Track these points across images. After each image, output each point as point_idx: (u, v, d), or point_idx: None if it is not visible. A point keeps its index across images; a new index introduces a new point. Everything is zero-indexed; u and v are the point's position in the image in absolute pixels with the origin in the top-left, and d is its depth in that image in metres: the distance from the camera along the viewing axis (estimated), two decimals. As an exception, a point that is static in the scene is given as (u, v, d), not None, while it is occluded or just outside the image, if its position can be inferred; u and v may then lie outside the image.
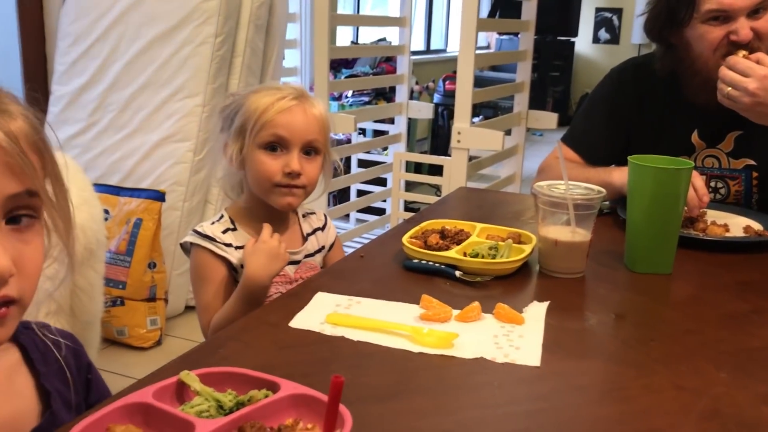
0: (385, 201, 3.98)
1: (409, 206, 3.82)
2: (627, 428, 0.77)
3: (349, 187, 4.12)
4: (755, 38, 1.41)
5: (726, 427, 0.76)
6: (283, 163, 1.23)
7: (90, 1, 3.10)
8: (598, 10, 8.61)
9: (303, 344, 0.92)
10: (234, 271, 1.24)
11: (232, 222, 1.27)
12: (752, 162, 1.58)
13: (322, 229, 1.39)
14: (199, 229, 1.25)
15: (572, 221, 1.16)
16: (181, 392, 0.74)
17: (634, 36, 8.05)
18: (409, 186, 3.91)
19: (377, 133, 4.35)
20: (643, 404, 0.81)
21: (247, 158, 1.25)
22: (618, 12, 8.54)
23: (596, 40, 8.71)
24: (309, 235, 1.35)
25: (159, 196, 2.77)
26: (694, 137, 1.59)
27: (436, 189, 4.52)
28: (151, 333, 2.66)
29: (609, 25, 8.64)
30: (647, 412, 0.79)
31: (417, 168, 4.40)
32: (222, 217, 1.28)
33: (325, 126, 1.27)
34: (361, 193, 4.10)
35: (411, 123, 4.25)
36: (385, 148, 4.32)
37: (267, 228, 1.22)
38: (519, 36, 3.60)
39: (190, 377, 0.74)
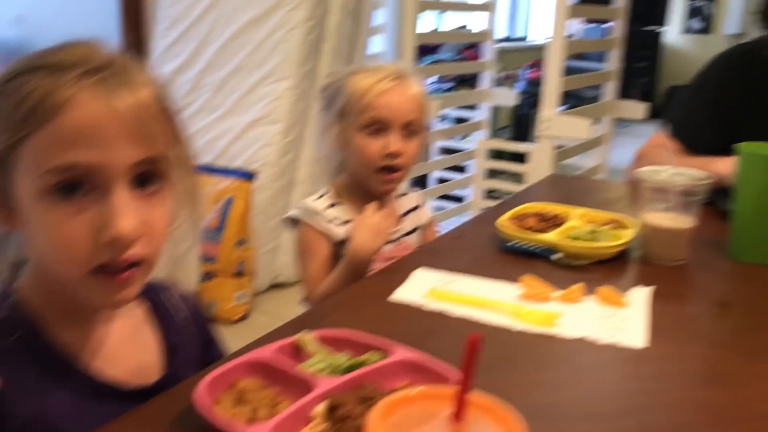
0: (464, 189, 3.97)
1: (489, 195, 3.80)
2: (736, 413, 0.76)
3: (425, 174, 4.13)
4: None
5: (844, 418, 0.74)
6: (384, 144, 1.25)
7: (185, -12, 3.21)
8: (690, -2, 8.30)
9: (405, 316, 0.94)
10: (336, 246, 1.27)
11: (335, 198, 1.31)
12: None
13: (417, 209, 1.40)
14: (304, 204, 1.29)
15: (675, 207, 1.14)
16: (298, 352, 0.78)
17: (729, 26, 7.72)
18: (490, 175, 3.89)
19: (458, 120, 4.33)
20: (752, 391, 0.80)
21: (348, 140, 1.28)
22: (711, 0, 8.21)
23: (687, 30, 8.39)
24: (405, 214, 1.38)
25: (250, 176, 2.85)
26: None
27: (518, 179, 4.48)
28: (238, 308, 2.74)
29: (701, 14, 8.31)
30: (756, 399, 0.78)
31: (498, 156, 4.37)
32: (325, 193, 1.32)
33: (423, 105, 1.29)
34: (440, 180, 4.10)
35: (493, 111, 4.21)
36: (465, 136, 4.30)
37: (373, 205, 1.24)
38: (603, 25, 3.52)
39: (308, 337, 0.78)
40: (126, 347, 0.78)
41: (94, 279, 0.68)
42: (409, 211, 1.39)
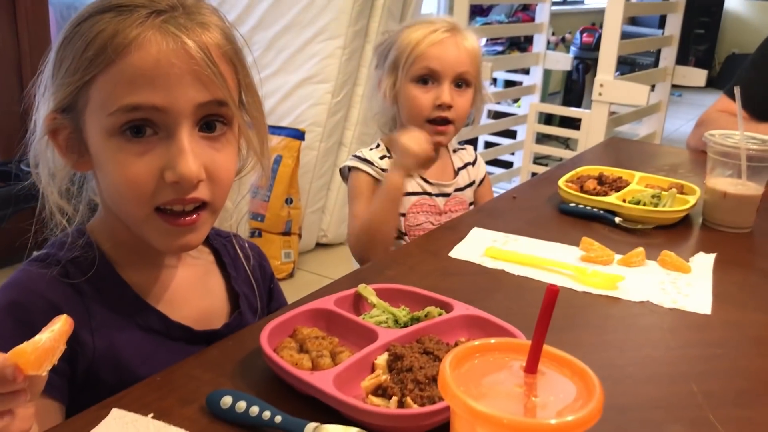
0: (512, 155, 3.91)
1: (537, 160, 3.74)
2: (807, 383, 0.73)
3: (475, 138, 4.07)
4: None
5: None
6: (435, 95, 1.24)
7: (239, -58, 3.18)
8: (754, -38, 7.96)
9: (464, 273, 0.93)
10: None
11: (388, 151, 1.29)
12: None
13: (473, 164, 1.39)
14: (359, 154, 1.28)
15: (743, 173, 1.11)
16: (358, 304, 0.78)
17: (795, -8, 7.40)
18: (538, 140, 3.82)
19: (508, 84, 4.25)
20: (826, 362, 0.77)
21: (400, 92, 1.27)
22: (778, -35, 7.86)
23: (750, -5, 8.07)
24: (460, 169, 1.36)
25: (299, 135, 2.85)
26: None
27: (566, 144, 4.40)
28: (285, 265, 2.77)
29: (767, -21, 7.97)
30: (831, 369, 0.75)
31: (547, 121, 4.29)
32: (379, 145, 1.31)
33: (476, 59, 1.27)
34: (488, 145, 4.05)
35: (544, 75, 4.13)
36: (516, 100, 4.22)
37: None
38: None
39: (368, 290, 0.77)
40: (194, 292, 0.79)
41: (159, 219, 0.69)
42: (463, 166, 1.38)
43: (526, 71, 3.86)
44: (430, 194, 1.30)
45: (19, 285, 0.69)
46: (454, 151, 1.39)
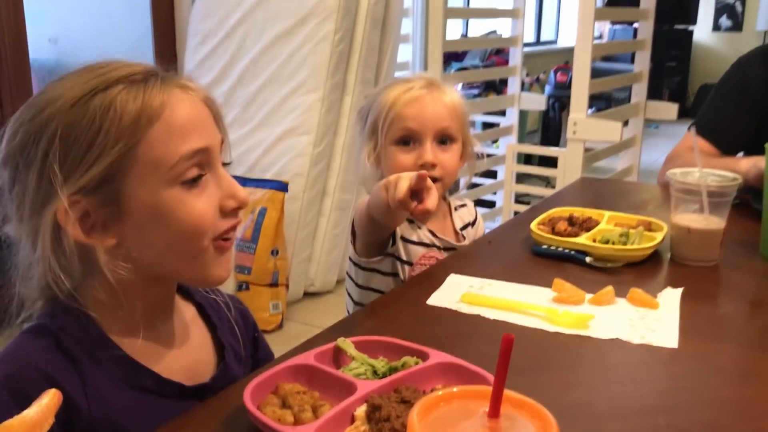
0: (494, 194, 3.98)
1: (519, 199, 3.80)
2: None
3: (457, 180, 4.13)
4: None
5: None
6: (417, 155, 1.23)
7: (217, 3, 3.28)
8: (719, -5, 8.21)
9: (442, 320, 0.97)
10: (392, 242, 1.23)
11: None
12: None
13: (473, 224, 1.38)
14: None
15: (706, 209, 1.16)
16: (338, 357, 0.81)
17: (759, 22, 7.62)
18: (519, 179, 3.89)
19: (486, 125, 4.34)
20: (787, 389, 0.81)
21: (382, 155, 1.26)
22: (742, -3, 8.11)
23: (717, 27, 8.30)
24: (462, 229, 1.35)
25: (282, 187, 2.90)
26: (834, 124, 1.53)
27: (547, 182, 4.47)
28: (273, 317, 2.79)
29: (731, 11, 8.20)
30: (792, 396, 0.79)
31: (527, 160, 4.37)
32: None
33: (458, 113, 1.26)
34: (470, 186, 4.11)
35: (521, 115, 4.22)
36: (495, 141, 4.31)
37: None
38: (633, 25, 3.51)
39: (346, 343, 0.81)
40: (181, 347, 0.82)
41: (215, 249, 0.77)
42: (464, 227, 1.36)
43: (503, 112, 3.95)
44: (438, 248, 1.28)
45: (13, 358, 0.72)
46: (456, 208, 1.37)
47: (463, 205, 1.40)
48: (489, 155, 4.04)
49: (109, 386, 0.72)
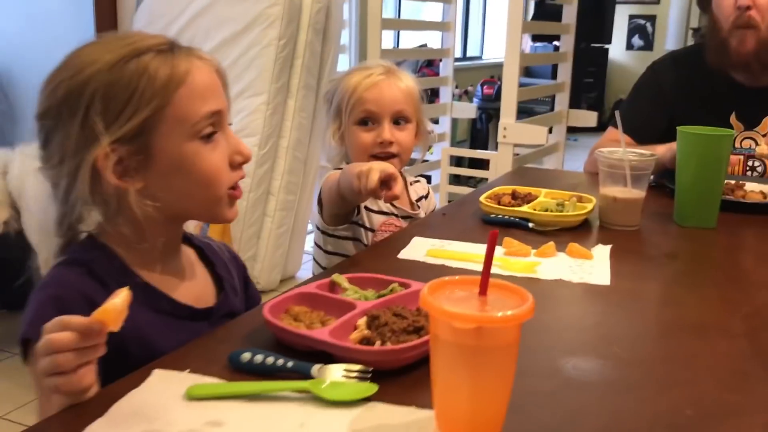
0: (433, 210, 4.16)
1: (451, 200, 4.00)
2: (684, 323, 0.96)
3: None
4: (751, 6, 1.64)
5: (765, 323, 0.94)
6: (376, 134, 1.40)
7: (162, 8, 3.36)
8: (631, 17, 8.74)
9: (413, 269, 1.12)
10: (356, 211, 1.38)
11: None
12: (787, 142, 1.75)
13: (426, 197, 1.56)
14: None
15: (628, 181, 1.35)
16: (333, 291, 0.95)
17: (668, 43, 8.16)
18: (451, 182, 4.09)
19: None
20: (697, 309, 1.00)
21: (345, 134, 1.43)
22: (652, 19, 8.66)
23: (630, 47, 8.84)
24: (417, 201, 1.53)
25: (229, 186, 2.99)
26: (733, 119, 1.77)
27: (475, 186, 4.70)
28: (223, 311, 2.87)
29: (642, 31, 8.76)
30: (701, 313, 0.99)
31: (458, 165, 4.59)
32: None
33: (412, 96, 1.44)
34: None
35: (452, 124, 4.44)
36: (429, 148, 4.51)
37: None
38: (554, 43, 3.78)
39: (341, 278, 0.95)
40: (187, 280, 0.95)
41: (227, 197, 0.92)
42: (419, 199, 1.54)
43: (436, 121, 4.15)
44: (396, 216, 1.44)
45: (57, 282, 0.84)
46: (411, 183, 1.55)
47: (417, 181, 1.58)
48: (425, 161, 4.23)
49: (134, 306, 0.84)
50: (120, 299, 0.67)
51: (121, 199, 0.86)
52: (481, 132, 6.10)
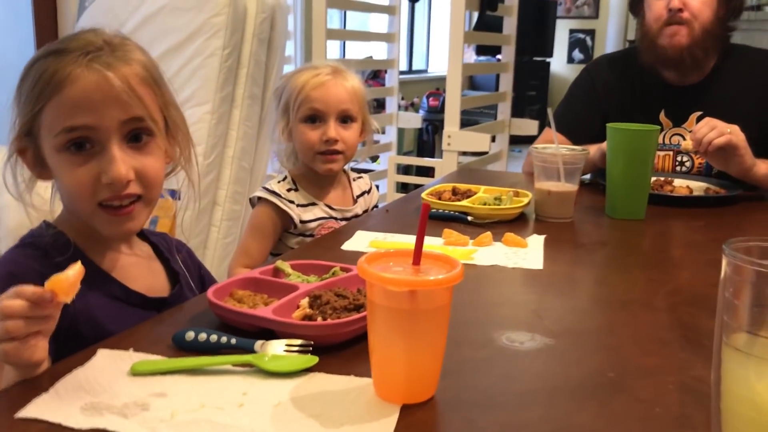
0: (376, 206, 4.21)
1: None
2: (611, 299, 1.02)
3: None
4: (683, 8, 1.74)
5: (687, 300, 1.00)
6: (322, 132, 1.45)
7: (103, 18, 3.34)
8: (572, 31, 9.00)
9: (356, 258, 1.14)
10: (293, 225, 1.45)
11: (294, 183, 1.49)
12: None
13: (368, 192, 1.61)
14: (268, 187, 1.46)
15: (561, 175, 1.42)
16: (276, 277, 0.98)
17: (606, 55, 8.42)
18: (398, 190, 4.15)
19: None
20: (623, 288, 1.06)
21: (293, 131, 1.47)
22: (591, 33, 8.94)
23: (570, 60, 9.09)
24: (359, 197, 1.58)
25: (174, 195, 2.98)
26: (662, 116, 1.86)
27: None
28: (170, 320, 2.85)
29: (582, 45, 9.03)
30: (627, 291, 1.05)
31: (405, 174, 4.65)
32: (285, 178, 1.50)
33: (358, 96, 1.49)
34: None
35: (399, 134, 4.51)
36: (375, 158, 4.56)
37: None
38: (496, 57, 3.89)
39: (284, 264, 0.98)
40: (141, 271, 0.96)
41: (102, 213, 0.89)
42: (361, 194, 1.59)
43: (382, 131, 4.21)
44: (335, 218, 1.49)
45: (14, 260, 0.85)
46: (354, 179, 1.60)
47: (359, 177, 1.63)
48: (370, 170, 4.28)
49: (87, 289, 0.85)
50: (73, 271, 0.69)
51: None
52: (427, 143, 6.19)
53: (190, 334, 0.78)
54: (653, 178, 1.66)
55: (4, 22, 3.43)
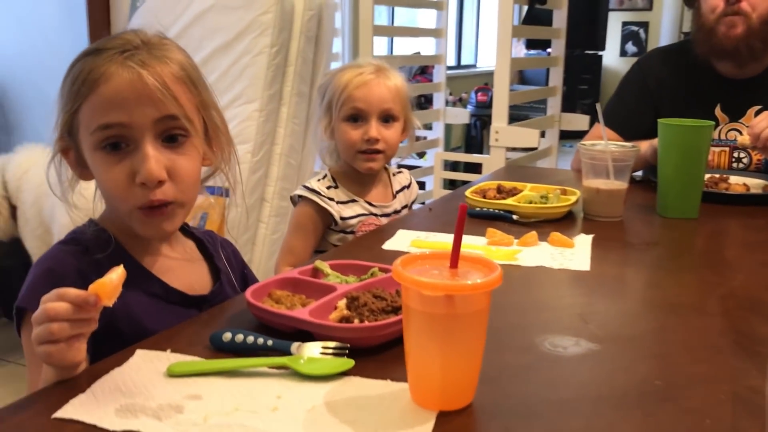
0: (423, 203, 4.19)
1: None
2: (661, 303, 0.98)
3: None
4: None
5: (742, 304, 0.96)
6: (363, 131, 1.44)
7: (154, 17, 3.39)
8: (624, 24, 8.80)
9: (397, 257, 1.13)
10: (334, 222, 1.45)
11: (334, 180, 1.48)
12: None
13: (408, 187, 1.60)
14: (308, 185, 1.46)
15: (611, 172, 1.37)
16: (315, 277, 0.97)
17: (661, 48, 8.21)
18: (446, 186, 4.12)
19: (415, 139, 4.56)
20: (674, 291, 1.02)
21: (335, 129, 1.47)
22: (644, 25, 8.72)
23: (623, 53, 8.89)
24: (398, 192, 1.56)
25: (223, 192, 3.01)
26: (718, 111, 1.80)
27: (473, 192, 4.72)
28: (218, 316, 2.88)
29: (636, 38, 8.81)
30: (678, 294, 1.00)
31: (452, 170, 4.62)
32: (325, 176, 1.50)
33: (401, 95, 1.47)
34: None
35: (446, 130, 4.47)
36: (422, 155, 4.54)
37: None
38: (546, 51, 3.82)
39: (323, 264, 0.97)
40: (183, 268, 0.97)
41: (139, 213, 0.89)
42: (400, 189, 1.57)
43: (429, 127, 4.18)
44: (375, 215, 1.48)
45: (53, 258, 0.86)
46: (394, 174, 1.59)
47: (399, 172, 1.62)
48: (417, 167, 4.26)
49: (127, 287, 0.85)
50: (116, 275, 0.69)
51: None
52: (475, 139, 6.14)
53: (227, 335, 0.78)
54: (707, 175, 1.60)
55: (60, 21, 3.51)
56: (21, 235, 2.50)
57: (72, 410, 0.65)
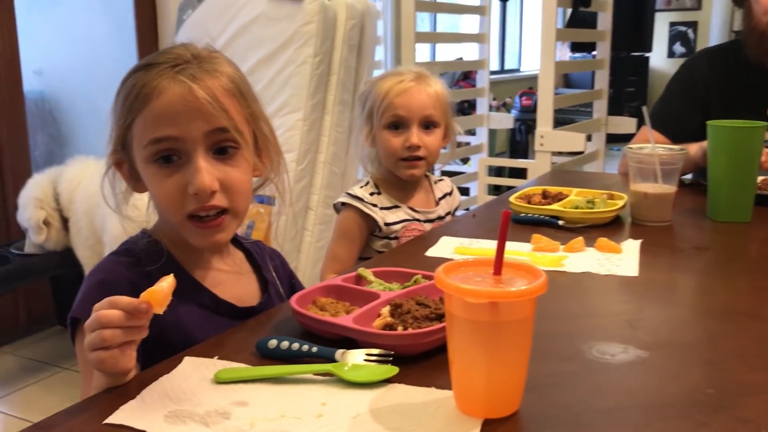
0: (467, 209, 4.17)
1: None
2: (712, 309, 0.95)
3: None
4: None
5: (796, 310, 0.93)
6: (405, 138, 1.44)
7: (200, 30, 3.46)
8: (672, 24, 8.63)
9: (441, 264, 1.13)
10: (378, 228, 1.45)
11: (377, 187, 1.49)
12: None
13: (450, 194, 1.60)
14: (351, 192, 1.47)
15: (658, 176, 1.35)
16: (358, 284, 0.97)
17: (710, 48, 8.02)
18: (491, 192, 4.09)
19: (456, 146, 4.55)
20: (726, 297, 1.00)
21: (376, 137, 1.48)
22: (693, 25, 8.54)
23: (671, 54, 8.72)
24: (440, 199, 1.56)
25: (269, 201, 3.05)
26: (769, 112, 1.75)
27: (518, 198, 4.67)
28: (265, 323, 2.92)
29: (684, 38, 8.64)
30: (731, 301, 0.98)
31: (497, 176, 4.59)
32: (368, 183, 1.50)
33: (441, 102, 1.47)
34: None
35: (490, 135, 4.44)
36: (466, 160, 4.52)
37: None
38: (591, 53, 3.77)
39: (366, 272, 0.97)
40: (233, 280, 0.98)
41: (191, 224, 0.90)
42: (443, 197, 1.58)
43: (473, 132, 4.16)
44: (419, 220, 1.49)
45: (105, 269, 0.88)
46: (435, 182, 1.59)
47: (441, 180, 1.62)
48: (460, 173, 4.24)
49: (177, 297, 0.87)
50: (167, 284, 0.71)
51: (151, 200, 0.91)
52: (520, 144, 6.08)
53: (273, 342, 0.78)
54: (760, 178, 1.56)
55: (109, 36, 3.61)
56: (73, 245, 2.57)
57: (122, 416, 0.66)
